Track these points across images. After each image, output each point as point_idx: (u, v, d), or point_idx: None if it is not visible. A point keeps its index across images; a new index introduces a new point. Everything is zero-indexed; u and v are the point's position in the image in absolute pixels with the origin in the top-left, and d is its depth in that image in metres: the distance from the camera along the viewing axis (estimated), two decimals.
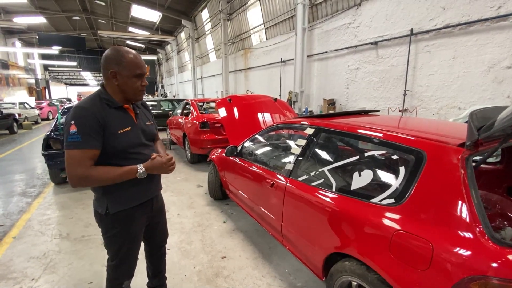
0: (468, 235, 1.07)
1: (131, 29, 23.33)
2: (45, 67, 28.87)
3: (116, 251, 1.38)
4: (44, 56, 25.24)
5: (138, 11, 19.08)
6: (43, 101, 17.72)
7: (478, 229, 1.06)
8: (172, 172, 1.36)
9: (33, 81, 23.43)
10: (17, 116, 10.99)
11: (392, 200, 1.34)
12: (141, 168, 1.26)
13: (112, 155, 1.24)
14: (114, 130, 1.23)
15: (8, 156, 6.62)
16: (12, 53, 21.24)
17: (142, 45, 29.48)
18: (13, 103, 12.75)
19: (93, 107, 1.20)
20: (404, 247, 1.20)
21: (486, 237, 1.04)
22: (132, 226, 1.38)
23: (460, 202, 1.12)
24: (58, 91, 30.33)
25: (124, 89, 1.26)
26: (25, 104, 13.28)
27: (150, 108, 1.62)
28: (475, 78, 4.91)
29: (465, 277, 1.02)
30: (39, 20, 19.10)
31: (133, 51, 1.28)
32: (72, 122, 1.14)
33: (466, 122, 3.27)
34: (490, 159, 2.19)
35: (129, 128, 1.29)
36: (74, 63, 27.32)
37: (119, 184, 1.26)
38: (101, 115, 1.19)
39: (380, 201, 1.39)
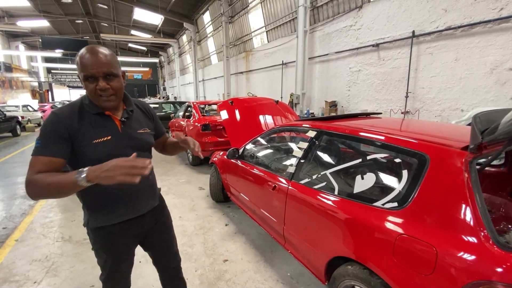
0: (473, 239, 1.06)
1: (133, 32, 23.52)
2: (48, 70, 29.11)
3: (103, 265, 1.30)
4: (47, 59, 25.44)
5: (141, 14, 19.24)
6: (46, 104, 17.82)
7: (482, 233, 1.05)
8: (133, 179, 0.88)
9: (36, 83, 23.61)
10: (20, 118, 11.06)
11: (395, 204, 1.33)
12: (82, 173, 0.89)
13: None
14: (89, 139, 1.08)
15: (11, 159, 6.65)
16: (16, 56, 21.44)
17: (144, 48, 29.67)
18: (16, 106, 12.84)
19: (66, 113, 1.08)
20: (408, 252, 1.19)
21: (491, 242, 1.03)
22: (115, 245, 1.25)
23: (464, 206, 1.11)
24: (61, 94, 30.50)
25: (88, 95, 1.11)
26: (28, 107, 13.36)
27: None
28: (478, 80, 4.89)
29: (470, 282, 1.01)
30: (43, 23, 19.31)
31: (92, 48, 1.06)
32: (41, 127, 1.07)
33: (468, 124, 3.24)
34: (494, 162, 2.17)
35: (109, 137, 1.12)
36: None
37: (98, 198, 1.15)
38: (71, 121, 1.06)
39: (383, 204, 1.38)
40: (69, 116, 1.07)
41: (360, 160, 1.74)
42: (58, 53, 21.01)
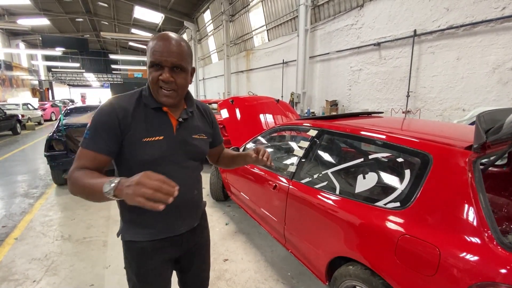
0: (476, 240, 1.04)
1: (133, 30, 23.47)
2: (48, 68, 29.05)
3: (130, 282, 1.12)
4: (47, 58, 25.41)
5: (141, 13, 19.19)
6: (46, 102, 17.83)
7: (486, 234, 1.03)
8: (155, 206, 0.68)
9: (36, 82, 23.59)
10: (20, 117, 11.04)
11: (398, 204, 1.32)
12: (111, 184, 0.73)
13: (131, 170, 0.89)
14: (138, 136, 0.94)
15: (11, 157, 6.65)
16: (16, 54, 21.41)
17: (144, 47, 29.59)
18: (17, 104, 12.82)
19: (122, 103, 0.96)
20: (410, 252, 1.18)
21: (495, 242, 1.02)
22: (145, 265, 1.06)
23: (467, 206, 1.10)
24: (61, 92, 30.51)
25: (149, 84, 0.98)
26: (28, 105, 13.34)
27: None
28: (480, 80, 4.87)
29: (474, 284, 0.99)
30: (43, 21, 19.25)
31: (166, 34, 0.94)
32: (93, 115, 0.95)
33: (470, 124, 3.22)
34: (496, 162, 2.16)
35: (162, 137, 0.97)
36: (77, 65, 27.49)
37: (133, 208, 0.79)
38: (125, 114, 0.93)
39: (385, 204, 1.36)
40: (124, 107, 0.95)
41: (361, 159, 1.73)
42: (58, 51, 21.00)
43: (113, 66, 31.73)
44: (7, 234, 2.93)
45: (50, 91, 26.27)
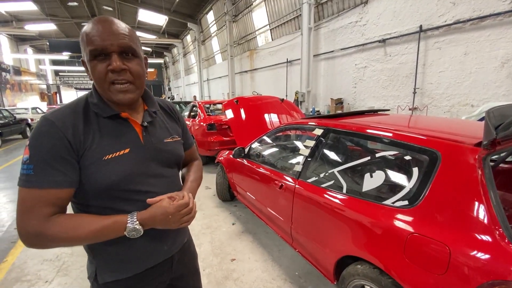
0: (487, 238, 1.03)
1: (138, 33, 23.53)
2: (56, 73, 29.57)
3: None
4: (54, 62, 25.90)
5: (145, 15, 19.36)
6: (54, 106, 18.17)
7: (497, 231, 1.02)
8: (188, 225, 0.87)
9: (44, 86, 24.06)
10: (29, 121, 11.29)
11: (406, 202, 1.30)
12: (132, 219, 0.74)
13: (95, 195, 0.77)
14: (97, 155, 0.75)
15: (21, 161, 6.78)
16: (24, 59, 21.86)
17: (149, 49, 29.88)
18: (26, 108, 13.09)
19: (65, 118, 0.73)
20: (420, 251, 1.17)
21: (506, 240, 1.00)
22: None
23: (477, 204, 1.08)
24: (68, 96, 31.05)
25: (96, 83, 0.77)
26: (37, 109, 13.60)
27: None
28: (488, 74, 4.78)
29: (485, 282, 0.98)
30: (50, 27, 19.59)
31: (103, 17, 0.75)
32: (27, 143, 0.72)
33: (479, 120, 3.17)
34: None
35: (127, 150, 0.80)
36: (84, 68, 27.95)
37: (113, 240, 0.77)
38: (74, 131, 0.72)
39: (393, 203, 1.35)
40: (71, 122, 0.73)
41: (368, 158, 1.71)
42: (65, 55, 21.35)
43: None
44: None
45: (58, 95, 26.74)
